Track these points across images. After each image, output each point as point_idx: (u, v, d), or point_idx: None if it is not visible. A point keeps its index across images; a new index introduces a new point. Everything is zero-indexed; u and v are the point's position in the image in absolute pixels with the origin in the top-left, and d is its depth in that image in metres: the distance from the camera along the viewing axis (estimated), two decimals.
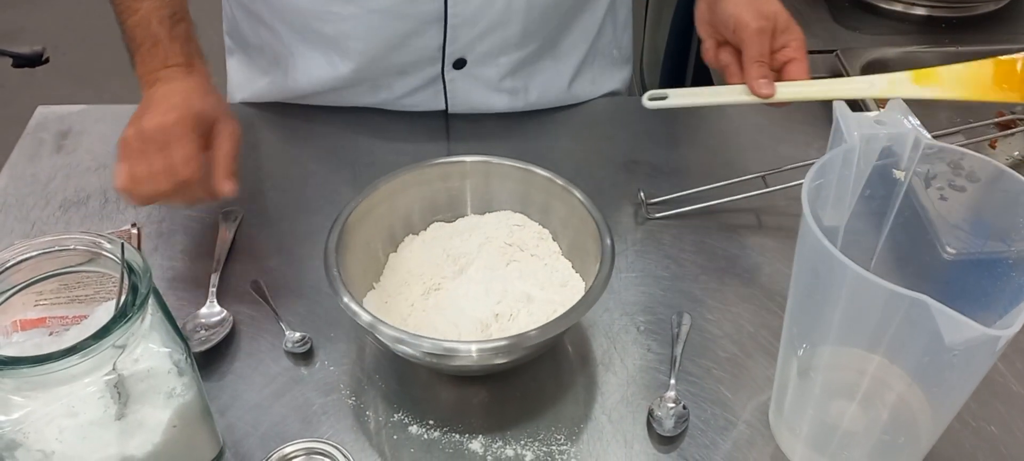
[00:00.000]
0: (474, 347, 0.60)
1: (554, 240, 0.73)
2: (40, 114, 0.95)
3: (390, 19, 0.85)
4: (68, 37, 2.69)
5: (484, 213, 0.76)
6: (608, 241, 0.66)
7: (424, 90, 0.93)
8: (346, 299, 0.61)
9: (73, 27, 2.72)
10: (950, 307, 0.45)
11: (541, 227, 0.74)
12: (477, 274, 0.71)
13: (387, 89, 0.92)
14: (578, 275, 0.70)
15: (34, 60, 2.60)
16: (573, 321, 0.61)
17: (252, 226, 0.81)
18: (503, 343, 0.60)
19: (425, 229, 0.75)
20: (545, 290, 0.68)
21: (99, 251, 0.57)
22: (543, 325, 0.60)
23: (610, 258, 0.65)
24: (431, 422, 0.65)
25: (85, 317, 0.70)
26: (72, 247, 0.58)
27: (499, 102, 0.94)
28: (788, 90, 0.73)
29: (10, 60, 2.54)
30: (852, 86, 0.77)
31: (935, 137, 0.89)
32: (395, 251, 0.74)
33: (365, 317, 0.60)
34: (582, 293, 0.65)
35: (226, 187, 0.69)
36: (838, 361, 0.59)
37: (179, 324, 0.70)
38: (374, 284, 0.72)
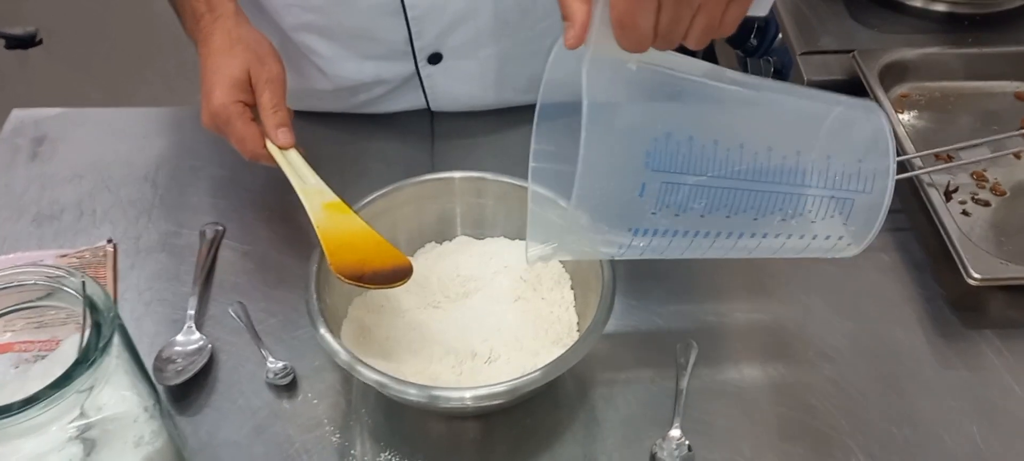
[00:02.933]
0: (468, 394, 0.56)
1: (571, 288, 0.68)
2: (16, 118, 0.90)
3: (347, 11, 0.81)
4: (63, 20, 2.63)
5: (484, 238, 0.72)
6: (609, 273, 0.62)
7: (402, 89, 0.88)
8: (322, 330, 0.57)
9: (68, 9, 2.66)
10: None
11: (563, 270, 0.69)
12: (478, 304, 0.67)
13: (366, 91, 0.88)
14: (577, 333, 0.65)
15: (27, 41, 2.55)
16: (563, 369, 0.57)
17: (234, 242, 0.77)
18: (499, 389, 0.55)
19: (450, 240, 0.73)
20: (536, 340, 0.64)
21: (59, 285, 0.53)
22: (527, 376, 0.56)
23: (610, 295, 0.60)
24: None
25: (56, 341, 0.66)
26: (31, 282, 0.54)
27: (485, 97, 0.90)
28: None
29: (2, 41, 2.49)
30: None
31: (961, 149, 0.85)
32: (411, 254, 0.71)
33: (343, 356, 0.56)
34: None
35: (281, 141, 0.68)
36: None
37: (155, 352, 0.67)
38: None
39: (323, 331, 0.58)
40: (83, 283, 0.52)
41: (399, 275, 0.60)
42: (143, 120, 0.91)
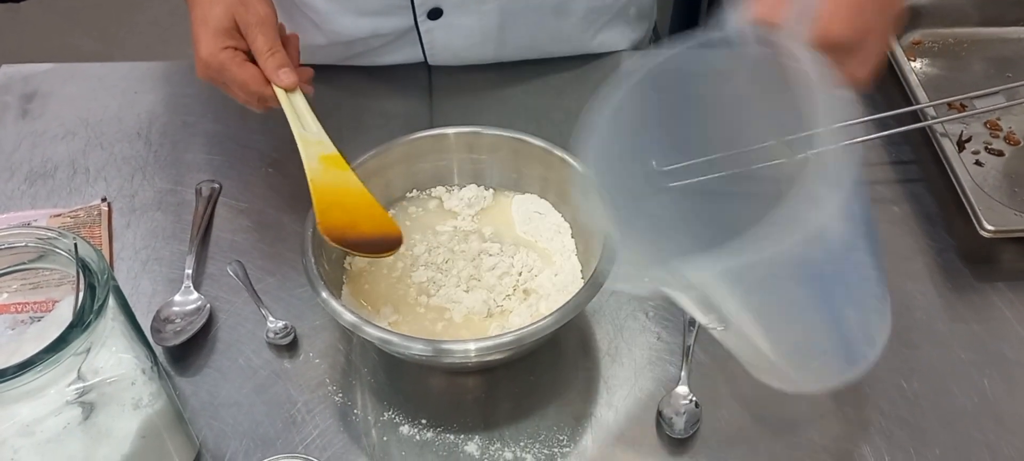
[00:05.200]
0: (473, 346, 0.55)
1: (573, 237, 0.67)
2: (4, 74, 0.88)
3: None
4: None
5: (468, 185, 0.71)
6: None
7: (399, 43, 0.86)
8: (324, 294, 0.56)
9: None
10: None
11: (562, 220, 0.68)
12: (479, 258, 0.66)
13: (361, 44, 0.86)
14: (582, 281, 0.64)
15: None
16: (568, 317, 0.56)
17: (231, 200, 0.76)
18: (504, 340, 0.55)
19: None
20: (540, 290, 0.62)
21: (51, 247, 0.52)
22: (533, 325, 0.55)
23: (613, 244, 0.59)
24: (424, 421, 0.61)
25: (52, 302, 0.65)
26: (22, 244, 0.52)
27: (484, 53, 0.87)
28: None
29: None
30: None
31: (975, 97, 0.82)
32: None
33: (347, 317, 0.55)
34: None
35: (283, 81, 0.65)
36: None
37: (153, 312, 0.66)
38: None
39: (325, 295, 0.56)
40: (75, 244, 0.51)
41: (388, 245, 0.59)
42: (134, 75, 0.88)
